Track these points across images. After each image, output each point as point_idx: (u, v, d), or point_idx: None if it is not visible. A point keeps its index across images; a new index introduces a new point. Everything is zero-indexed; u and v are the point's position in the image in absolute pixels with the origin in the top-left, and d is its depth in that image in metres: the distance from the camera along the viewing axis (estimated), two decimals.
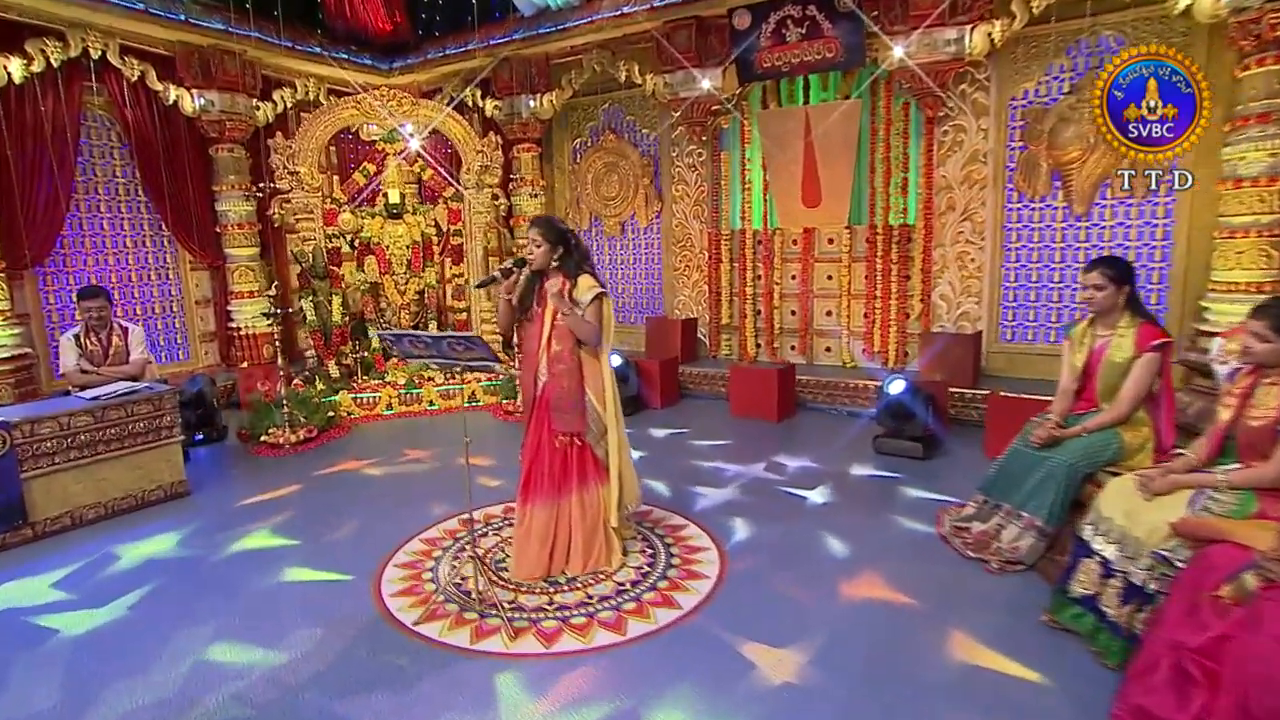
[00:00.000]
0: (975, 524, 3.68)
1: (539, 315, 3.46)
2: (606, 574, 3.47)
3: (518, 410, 6.40)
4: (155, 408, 4.52)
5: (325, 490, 4.79)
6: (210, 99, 6.80)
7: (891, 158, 6.28)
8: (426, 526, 4.09)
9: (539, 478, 3.46)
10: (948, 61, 5.58)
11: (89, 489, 4.26)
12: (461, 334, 2.85)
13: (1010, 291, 5.94)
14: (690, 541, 3.82)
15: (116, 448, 4.35)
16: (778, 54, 6.18)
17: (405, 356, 3.16)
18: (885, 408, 5.07)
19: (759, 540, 3.83)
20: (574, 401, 3.42)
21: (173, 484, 4.64)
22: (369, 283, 6.96)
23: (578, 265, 3.44)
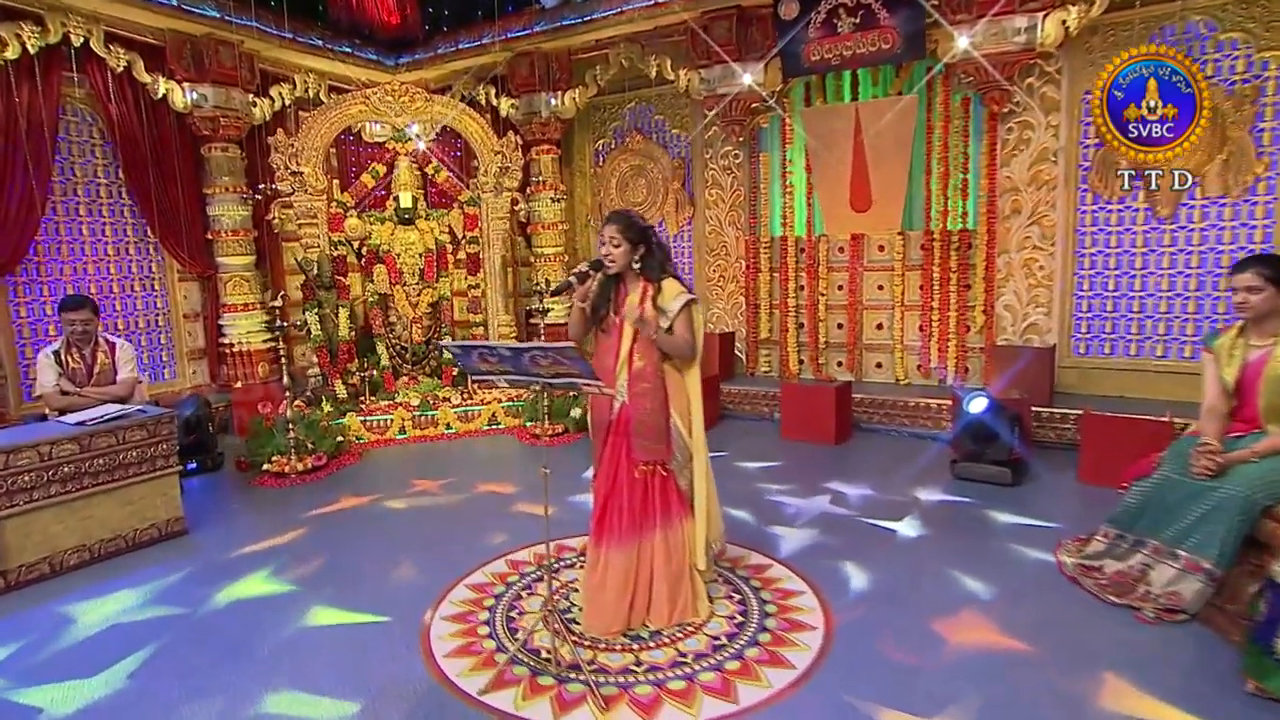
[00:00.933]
0: (1108, 563, 3.29)
1: (616, 325, 3.06)
2: (695, 626, 3.04)
3: (546, 434, 5.97)
4: (150, 434, 4.03)
5: (342, 527, 4.31)
6: (203, 93, 6.36)
7: (950, 158, 5.98)
8: (470, 570, 3.63)
9: (616, 515, 3.04)
10: (1017, 52, 5.30)
11: (72, 529, 3.76)
12: (551, 345, 2.43)
13: (1084, 301, 5.63)
14: (780, 584, 3.40)
15: (105, 481, 3.86)
16: (828, 46, 5.88)
17: (472, 374, 2.73)
18: (964, 429, 4.71)
19: (859, 581, 3.42)
20: (658, 425, 3.02)
21: (168, 522, 4.14)
22: (378, 294, 6.51)
23: (661, 267, 3.05)
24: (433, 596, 3.38)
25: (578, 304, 3.02)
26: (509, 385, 2.79)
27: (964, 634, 2.94)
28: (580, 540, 3.91)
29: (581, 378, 2.51)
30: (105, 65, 5.87)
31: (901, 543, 3.87)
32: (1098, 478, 4.45)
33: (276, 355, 6.93)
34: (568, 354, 2.43)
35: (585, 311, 3.05)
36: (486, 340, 2.71)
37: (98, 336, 4.57)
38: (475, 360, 2.65)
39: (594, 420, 3.21)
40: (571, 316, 3.10)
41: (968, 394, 4.73)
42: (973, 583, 3.36)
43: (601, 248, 3.04)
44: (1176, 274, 5.26)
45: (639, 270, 3.01)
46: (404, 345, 6.74)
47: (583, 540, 3.81)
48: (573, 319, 3.09)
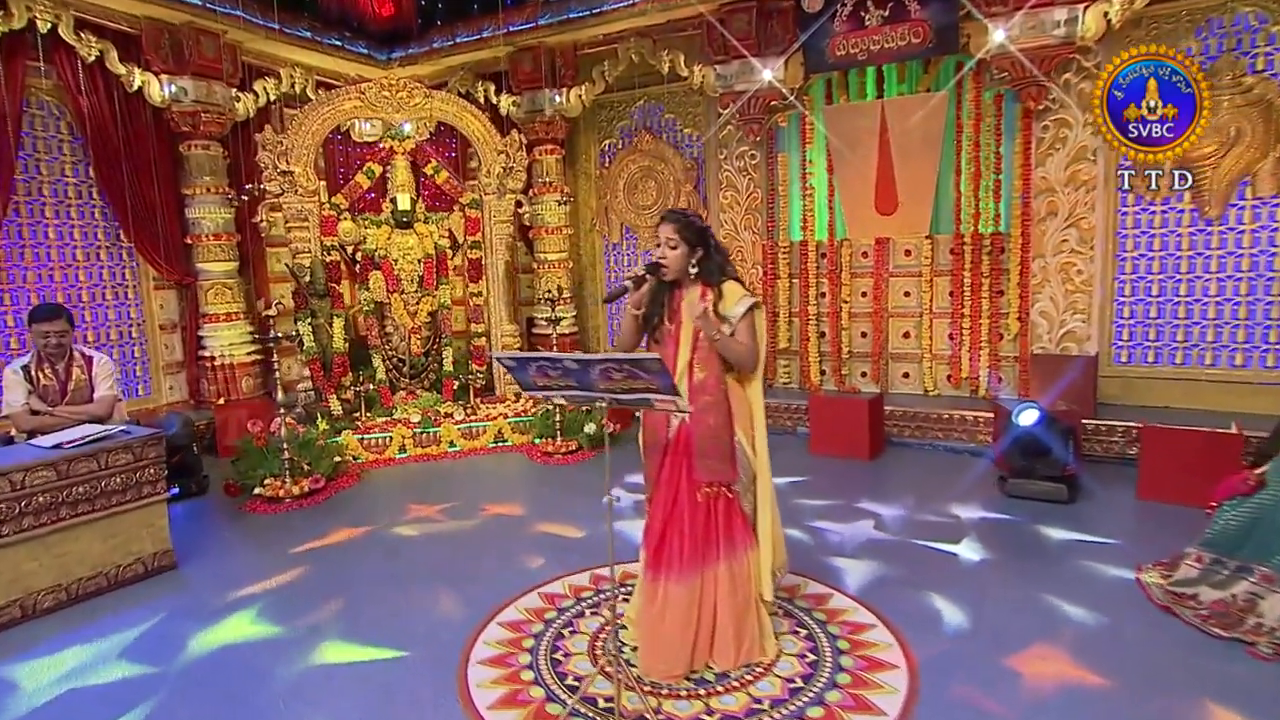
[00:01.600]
0: (1204, 590, 3.11)
1: (673, 334, 2.84)
2: (764, 666, 2.80)
3: (558, 451, 5.70)
4: (135, 457, 3.71)
5: (348, 557, 4.01)
6: (182, 86, 6.03)
7: (981, 157, 5.84)
8: (501, 606, 3.35)
9: (676, 543, 2.80)
10: (1055, 46, 5.18)
11: (48, 567, 3.42)
12: (628, 356, 2.19)
13: (1125, 307, 5.50)
14: (846, 617, 3.18)
15: (86, 511, 3.53)
16: (854, 40, 5.72)
17: (525, 389, 2.48)
18: (1014, 442, 4.53)
19: (931, 611, 3.20)
20: (722, 443, 2.81)
21: (156, 555, 3.81)
22: (374, 303, 6.20)
23: (720, 269, 2.84)
24: (461, 634, 3.10)
25: (631, 310, 2.79)
26: (567, 402, 2.54)
27: (1057, 669, 2.74)
28: (620, 568, 3.66)
29: (660, 393, 2.27)
30: (75, 54, 5.52)
31: (966, 567, 3.66)
32: (1160, 494, 4.30)
33: (261, 369, 6.64)
34: (649, 366, 2.18)
35: (638, 319, 2.83)
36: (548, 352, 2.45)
37: (72, 350, 4.23)
38: (532, 374, 2.40)
39: (647, 439, 2.98)
40: (623, 325, 2.88)
41: (1017, 406, 4.56)
42: (1053, 611, 3.16)
43: (656, 249, 2.82)
44: (1226, 278, 5.15)
45: (696, 274, 2.80)
46: (401, 357, 6.44)
47: (622, 569, 3.58)
48: (624, 327, 2.87)
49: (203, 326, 6.42)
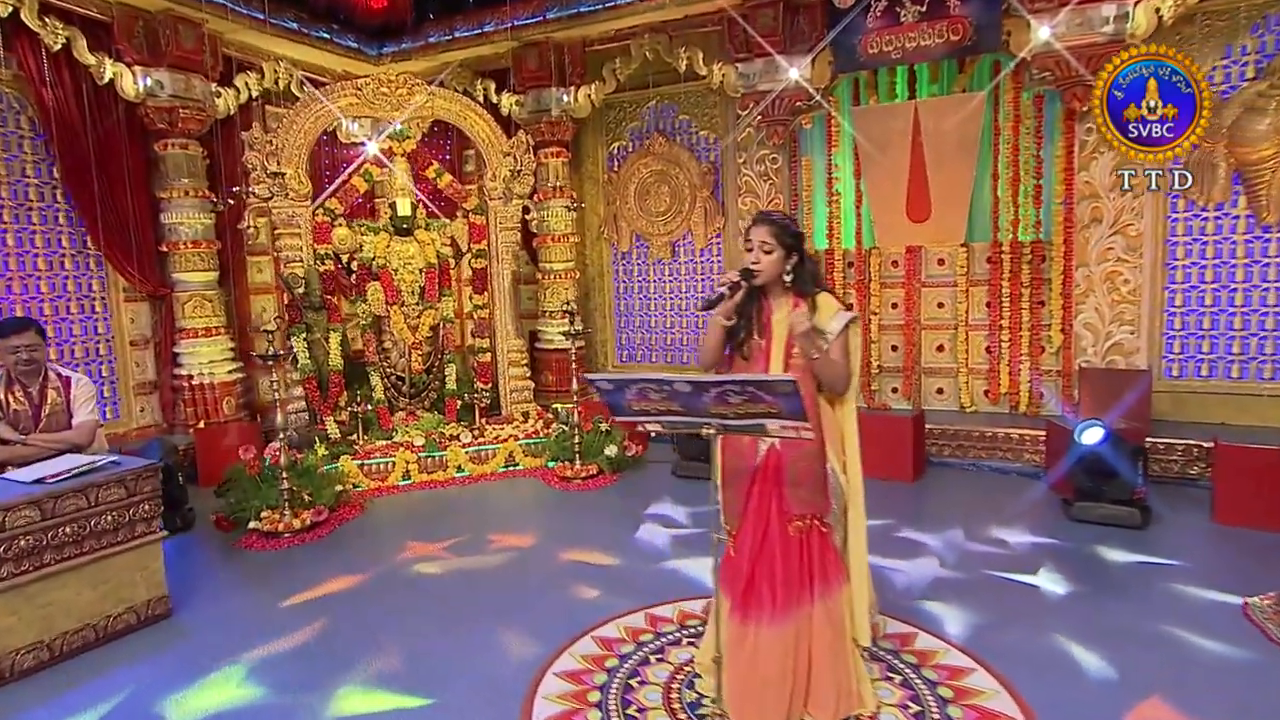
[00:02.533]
0: None
1: (762, 350, 2.66)
2: (866, 718, 2.61)
3: (578, 476, 5.47)
4: (129, 492, 3.41)
5: (365, 599, 3.74)
6: (159, 79, 5.73)
7: (1021, 161, 5.78)
8: (555, 654, 3.11)
9: (767, 583, 2.61)
10: (1103, 44, 5.12)
11: (29, 622, 3.10)
12: (755, 378, 2.01)
13: (1176, 318, 5.45)
14: (941, 660, 3.00)
15: (72, 555, 3.22)
16: (888, 37, 5.64)
17: (617, 415, 2.27)
18: (1078, 463, 4.41)
19: (1035, 652, 3.03)
20: (816, 471, 2.64)
21: (150, 603, 3.50)
22: (372, 316, 5.93)
23: (815, 279, 2.68)
24: (509, 683, 2.88)
25: (721, 321, 2.60)
26: (664, 429, 2.33)
27: None
28: (675, 608, 3.46)
29: (784, 418, 2.08)
30: (39, 42, 5.21)
31: (1053, 601, 3.52)
32: (1239, 518, 4.21)
33: (243, 388, 6.33)
34: (779, 388, 2.00)
35: (725, 331, 2.64)
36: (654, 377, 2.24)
37: (46, 368, 3.90)
38: (629, 398, 2.20)
39: (727, 467, 2.76)
40: (707, 337, 2.69)
41: (1080, 424, 4.45)
42: (1164, 648, 3.02)
43: (748, 253, 2.64)
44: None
45: (789, 283, 2.62)
46: (400, 375, 6.16)
47: (678, 608, 3.39)
48: (709, 341, 2.68)
49: (179, 342, 6.08)
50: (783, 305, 2.65)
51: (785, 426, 2.13)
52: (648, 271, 7.35)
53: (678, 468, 5.61)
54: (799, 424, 2.11)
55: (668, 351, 7.36)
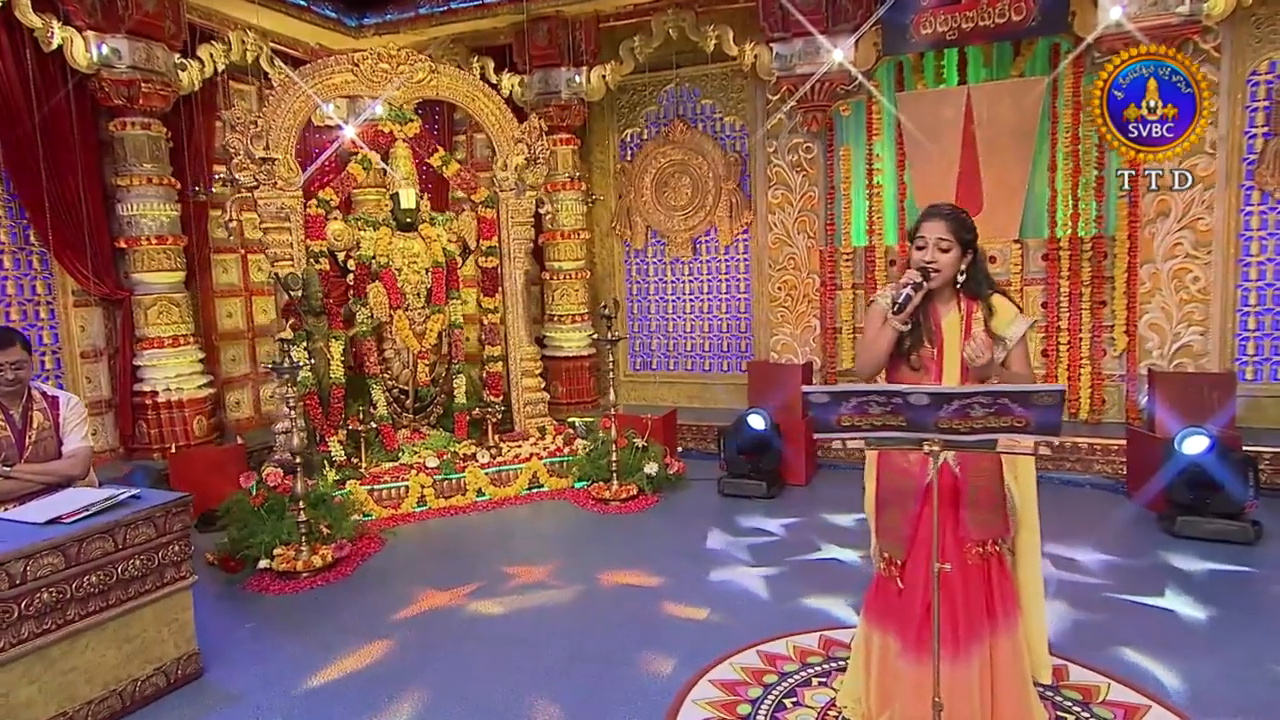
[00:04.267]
0: None
1: (935, 359, 2.59)
2: None
3: (616, 498, 5.31)
4: (158, 531, 3.12)
5: (434, 645, 3.51)
6: (115, 48, 5.36)
7: (1081, 151, 5.90)
8: (681, 699, 2.96)
9: (947, 617, 2.52)
10: (1179, 25, 5.26)
11: (50, 691, 2.79)
12: (1015, 389, 1.93)
13: (1249, 318, 5.64)
14: (1105, 696, 2.96)
15: (97, 609, 2.92)
16: (944, 17, 5.69)
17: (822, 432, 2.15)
18: (1180, 475, 4.48)
19: (1197, 688, 3.01)
20: (994, 491, 2.58)
21: (180, 660, 3.22)
22: (374, 321, 5.66)
23: (988, 280, 2.64)
24: None
25: (897, 325, 2.52)
26: (874, 445, 2.24)
27: None
28: (788, 643, 3.35)
29: (1035, 432, 2.01)
30: None
31: (1193, 626, 3.53)
32: None
33: (213, 405, 5.98)
34: (1041, 400, 1.92)
35: (898, 336, 2.56)
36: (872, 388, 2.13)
37: (30, 388, 3.57)
38: (844, 411, 2.09)
39: (888, 486, 2.69)
40: (876, 343, 2.60)
41: (1181, 433, 4.53)
42: None
43: (918, 251, 2.56)
44: None
45: (961, 284, 2.57)
46: (404, 388, 5.89)
47: (791, 644, 3.29)
48: (878, 347, 2.59)
49: (140, 354, 5.70)
50: (951, 308, 2.59)
51: (1038, 441, 2.06)
52: (665, 271, 7.25)
53: (724, 485, 5.51)
54: (1048, 440, 2.05)
55: (688, 359, 7.26)
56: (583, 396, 7.17)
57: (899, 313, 2.46)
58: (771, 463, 5.47)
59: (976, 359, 2.40)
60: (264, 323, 6.87)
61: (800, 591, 3.93)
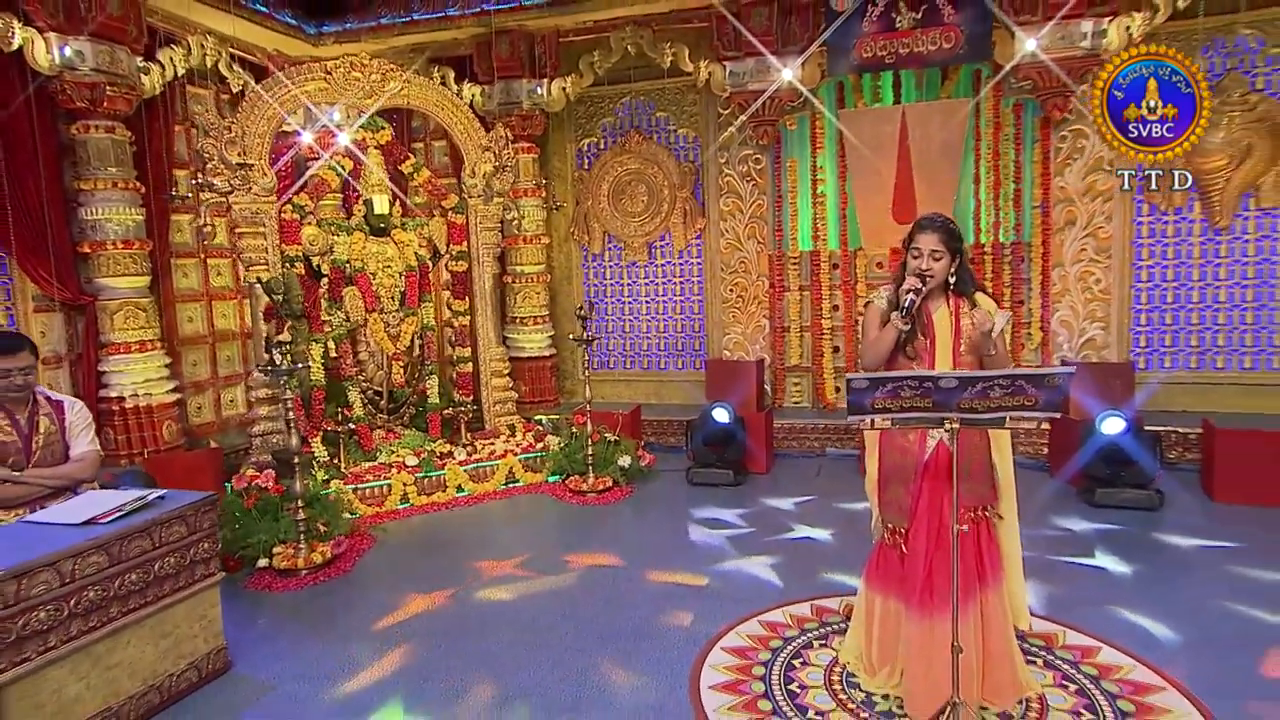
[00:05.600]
0: None
1: (928, 350, 2.90)
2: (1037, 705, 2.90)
3: (593, 490, 5.49)
4: (189, 530, 3.14)
5: (438, 635, 3.61)
6: (79, 50, 5.18)
7: (1001, 166, 6.42)
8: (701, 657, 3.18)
9: (945, 576, 2.81)
10: (1081, 58, 5.82)
11: (96, 687, 2.79)
12: (1031, 372, 2.22)
13: (1142, 315, 6.26)
14: (1064, 641, 3.34)
15: (137, 606, 2.93)
16: (883, 42, 6.10)
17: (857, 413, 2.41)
18: (1098, 452, 4.99)
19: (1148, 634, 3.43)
20: (984, 463, 2.91)
21: (209, 655, 3.24)
22: (349, 324, 5.65)
23: (973, 280, 2.97)
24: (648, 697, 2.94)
25: (899, 325, 2.81)
26: (898, 425, 2.51)
27: None
28: (784, 612, 3.62)
29: (1043, 409, 2.32)
30: None
31: (1121, 578, 3.98)
32: (1238, 496, 4.91)
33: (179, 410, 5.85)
34: (1051, 381, 2.23)
35: (900, 334, 2.85)
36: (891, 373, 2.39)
37: (36, 394, 3.50)
38: (879, 396, 2.36)
39: (889, 463, 2.99)
40: (879, 340, 2.89)
41: (1100, 415, 5.03)
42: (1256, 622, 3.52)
43: (914, 259, 2.86)
44: (1234, 285, 6.02)
45: (952, 285, 2.89)
46: (378, 389, 5.90)
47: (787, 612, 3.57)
48: (883, 343, 2.87)
49: (105, 359, 5.52)
50: (940, 305, 2.90)
51: (1039, 417, 2.37)
52: (622, 274, 7.45)
53: (693, 475, 5.76)
54: (1053, 415, 2.36)
55: (645, 358, 7.49)
56: (544, 395, 7.30)
57: (905, 317, 2.74)
58: (736, 453, 5.74)
59: (982, 325, 2.72)
60: (224, 327, 6.73)
61: (783, 566, 4.22)
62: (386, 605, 3.91)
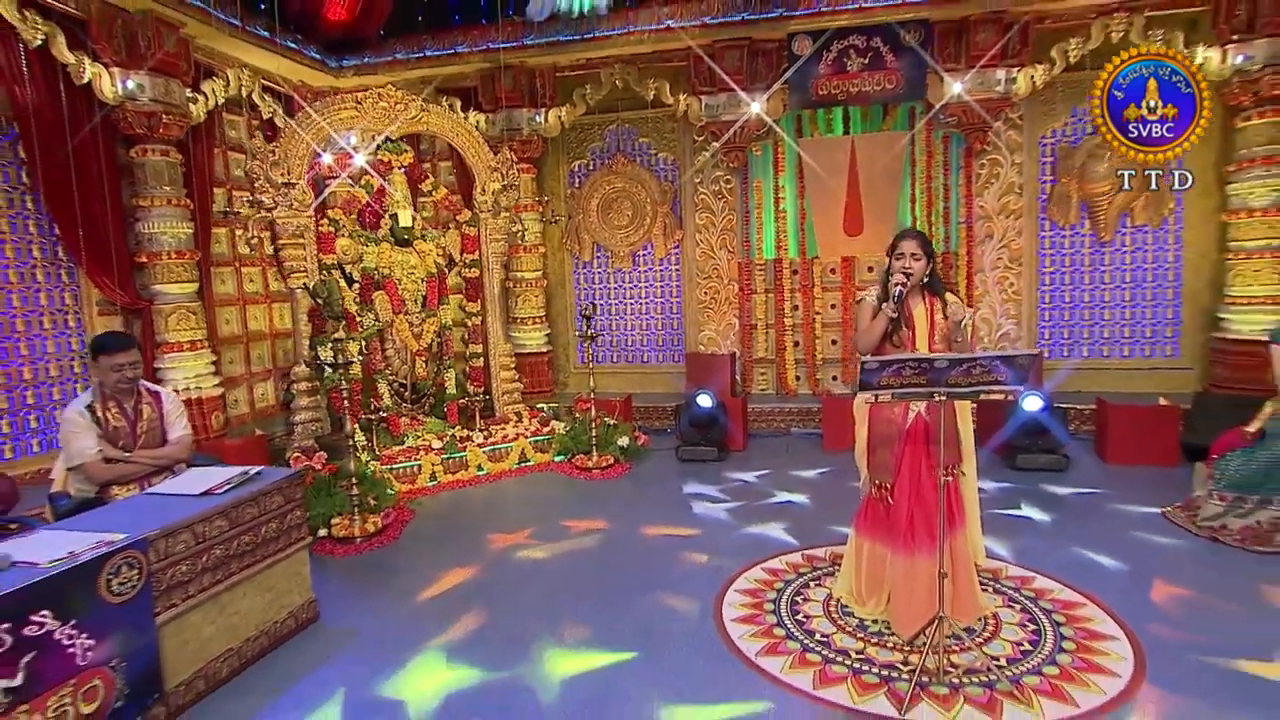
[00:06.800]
0: (1230, 520, 4.09)
1: (910, 338, 3.26)
2: (992, 622, 3.28)
3: (598, 466, 5.75)
4: (285, 500, 3.32)
5: (500, 584, 3.86)
6: (140, 83, 5.26)
7: (932, 188, 6.88)
8: (717, 597, 3.49)
9: (923, 523, 3.19)
10: (996, 100, 6.31)
11: (221, 630, 2.97)
12: (1006, 354, 2.58)
13: (1046, 313, 6.80)
14: (1008, 573, 3.75)
15: (250, 563, 3.11)
16: (836, 82, 6.48)
17: (863, 388, 2.75)
18: (1020, 426, 5.46)
19: (1061, 561, 3.87)
20: (953, 431, 3.26)
21: (302, 607, 3.42)
22: (379, 324, 5.80)
23: (942, 282, 3.35)
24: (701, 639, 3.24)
25: (889, 314, 3.16)
26: (897, 398, 2.86)
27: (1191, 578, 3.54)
28: (782, 560, 3.95)
29: (1006, 384, 2.69)
30: (16, 37, 4.64)
31: (1044, 525, 4.44)
32: (1123, 458, 5.45)
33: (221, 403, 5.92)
34: (1022, 362, 2.60)
35: (889, 322, 3.20)
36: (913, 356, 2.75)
37: (137, 386, 3.62)
38: (885, 375, 2.70)
39: (878, 432, 3.33)
40: (871, 328, 3.24)
41: (1022, 394, 5.49)
42: (1137, 544, 4.02)
43: (898, 261, 3.21)
44: (1116, 288, 6.60)
45: (926, 284, 3.25)
46: (403, 381, 6.06)
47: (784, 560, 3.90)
48: (875, 330, 3.22)
49: (161, 357, 5.57)
50: (919, 302, 3.27)
51: (1004, 391, 2.74)
52: (609, 279, 7.71)
53: (682, 453, 6.07)
54: (1016, 389, 2.73)
55: (630, 352, 7.76)
56: (542, 386, 7.52)
57: (895, 304, 3.09)
58: (718, 434, 6.07)
59: (956, 314, 3.14)
60: (256, 329, 6.78)
61: (772, 523, 4.56)
62: (438, 565, 4.12)
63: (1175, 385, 6.30)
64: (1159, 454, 5.41)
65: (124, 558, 2.51)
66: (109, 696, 2.41)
